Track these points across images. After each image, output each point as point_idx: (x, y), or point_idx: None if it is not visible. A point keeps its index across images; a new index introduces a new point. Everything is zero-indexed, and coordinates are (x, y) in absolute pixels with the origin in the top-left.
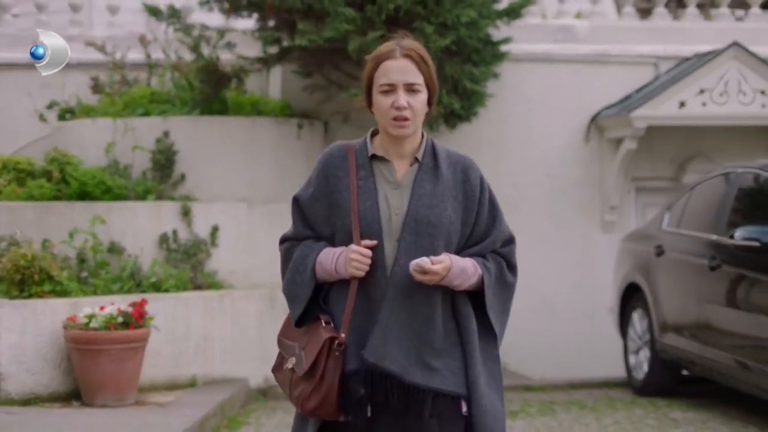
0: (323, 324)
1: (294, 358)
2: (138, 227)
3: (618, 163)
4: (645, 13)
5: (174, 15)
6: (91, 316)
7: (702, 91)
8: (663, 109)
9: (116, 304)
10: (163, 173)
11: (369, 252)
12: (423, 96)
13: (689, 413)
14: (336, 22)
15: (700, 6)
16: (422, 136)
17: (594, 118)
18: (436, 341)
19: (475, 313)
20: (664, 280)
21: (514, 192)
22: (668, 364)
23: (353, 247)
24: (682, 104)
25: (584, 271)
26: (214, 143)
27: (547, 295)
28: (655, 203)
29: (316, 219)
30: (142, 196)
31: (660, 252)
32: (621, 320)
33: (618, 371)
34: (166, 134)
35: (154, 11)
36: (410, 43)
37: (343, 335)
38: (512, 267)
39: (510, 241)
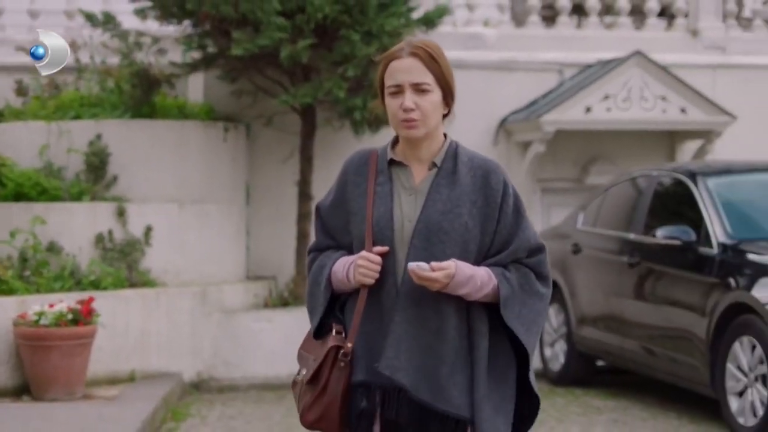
0: (333, 333)
1: (305, 369)
2: (75, 227)
3: (526, 166)
4: (549, 21)
5: (109, 21)
6: (40, 314)
7: (607, 97)
8: (570, 114)
9: (65, 302)
10: (96, 175)
11: (378, 259)
12: (434, 96)
13: (609, 401)
14: (269, 31)
15: (601, 15)
16: (445, 138)
17: (502, 122)
18: (446, 356)
19: (494, 328)
20: (581, 276)
21: None
22: (584, 355)
23: (362, 253)
24: (588, 109)
25: None
26: (145, 146)
27: None
28: (559, 204)
29: (336, 227)
30: (77, 197)
31: (576, 250)
32: None
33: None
34: (99, 137)
35: (90, 17)
36: (420, 41)
37: (349, 345)
38: (543, 277)
39: (538, 250)
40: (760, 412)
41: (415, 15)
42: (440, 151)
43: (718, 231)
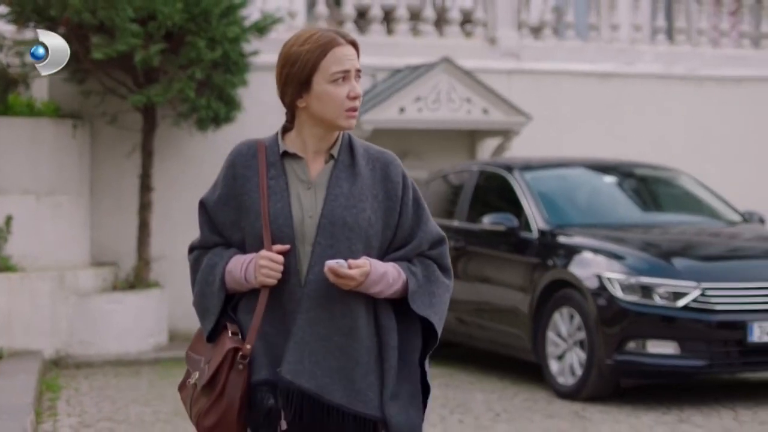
0: (229, 335)
1: (198, 373)
2: None
3: None
4: (362, 28)
5: None
6: None
7: (418, 99)
8: (386, 114)
9: None
10: None
11: (280, 258)
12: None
13: (436, 370)
14: (125, 37)
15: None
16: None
17: None
18: (360, 356)
19: (400, 320)
20: None
21: None
22: None
23: (263, 253)
24: (402, 110)
25: None
26: (3, 142)
27: None
28: None
29: (224, 224)
30: None
31: None
32: None
33: None
34: None
35: None
36: (335, 30)
37: (248, 346)
38: (444, 269)
39: (439, 242)
40: (579, 372)
41: (248, 22)
42: (336, 142)
43: (537, 218)
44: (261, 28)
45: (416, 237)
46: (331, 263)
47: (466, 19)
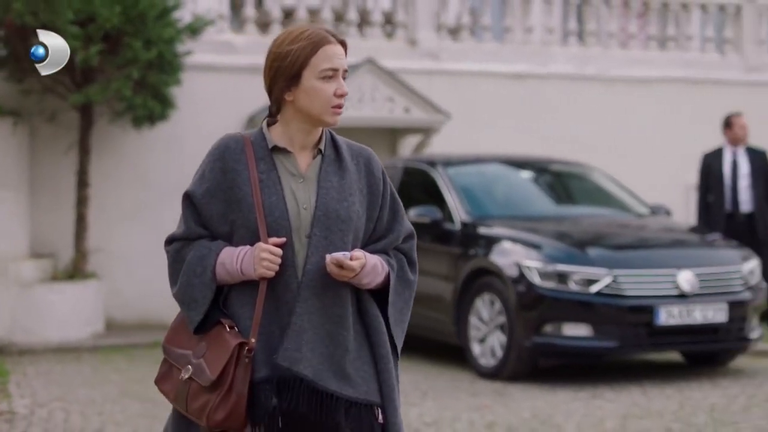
0: (227, 329)
1: (190, 367)
2: None
3: None
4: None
5: None
6: None
7: None
8: None
9: None
10: None
11: (279, 251)
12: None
13: None
14: (66, 38)
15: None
16: None
17: (251, 119)
18: (349, 343)
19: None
20: None
21: (186, 177)
22: None
23: (262, 245)
24: None
25: None
26: None
27: None
28: None
29: (211, 216)
30: None
31: None
32: None
33: None
34: None
35: None
36: (326, 28)
37: (253, 340)
38: (412, 264)
39: (410, 236)
40: (499, 353)
41: (182, 24)
42: (322, 138)
43: (459, 211)
44: (194, 30)
45: (394, 230)
46: (337, 255)
47: (388, 21)
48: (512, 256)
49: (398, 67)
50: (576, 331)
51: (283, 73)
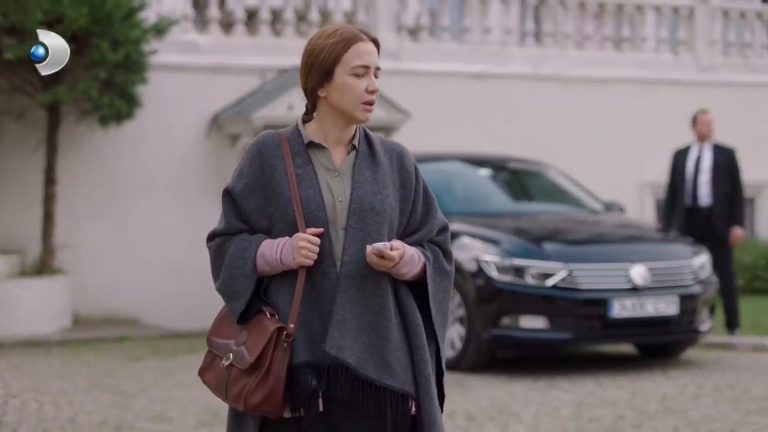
0: (267, 316)
1: (232, 354)
2: None
3: (237, 154)
4: (252, 30)
5: None
6: None
7: (305, 97)
8: (276, 111)
9: None
10: None
11: (317, 240)
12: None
13: None
14: (35, 39)
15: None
16: None
17: (215, 118)
18: (389, 333)
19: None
20: None
21: (152, 175)
22: None
23: (301, 235)
24: (290, 107)
25: (205, 242)
26: None
27: (176, 261)
28: None
29: (251, 211)
30: None
31: None
32: None
33: None
34: None
35: None
36: (361, 28)
37: (291, 326)
38: (448, 255)
39: (444, 228)
40: (459, 345)
41: (147, 25)
42: (356, 133)
43: None
44: (159, 30)
45: (427, 223)
46: (378, 245)
47: (349, 22)
48: (471, 251)
49: None
50: (532, 323)
51: (317, 69)
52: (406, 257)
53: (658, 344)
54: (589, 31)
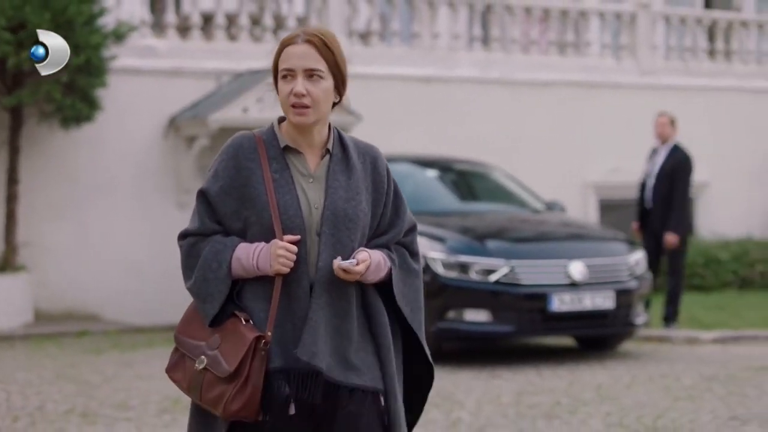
0: (243, 322)
1: (204, 358)
2: None
3: (192, 156)
4: (208, 35)
5: None
6: None
7: (260, 100)
8: (232, 114)
9: None
10: None
11: (294, 248)
12: (326, 83)
13: None
14: (1, 45)
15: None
16: (329, 126)
17: (172, 120)
18: (353, 335)
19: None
20: None
21: (111, 175)
22: None
23: (279, 243)
24: (245, 110)
25: (163, 241)
26: None
27: (135, 258)
28: None
29: (225, 213)
30: None
31: None
32: None
33: None
34: None
35: None
36: (315, 29)
37: (269, 333)
38: (414, 255)
39: (412, 229)
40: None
41: (107, 30)
42: (330, 137)
43: None
44: (119, 35)
45: (396, 226)
46: (344, 264)
47: (301, 27)
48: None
49: None
50: (476, 316)
51: (273, 74)
52: (373, 266)
53: (596, 337)
54: (535, 36)
